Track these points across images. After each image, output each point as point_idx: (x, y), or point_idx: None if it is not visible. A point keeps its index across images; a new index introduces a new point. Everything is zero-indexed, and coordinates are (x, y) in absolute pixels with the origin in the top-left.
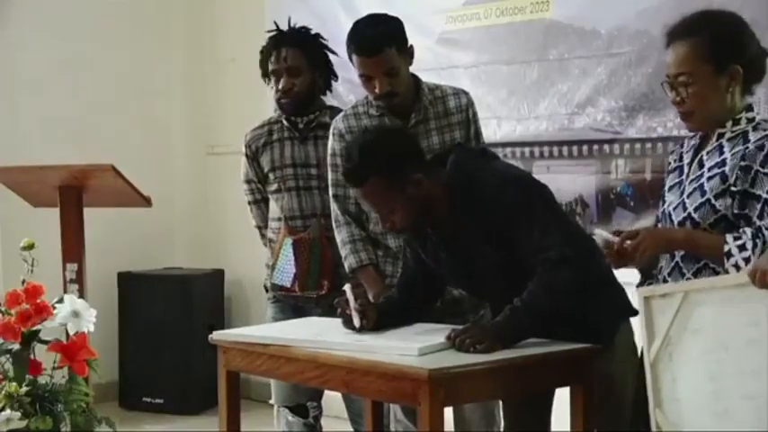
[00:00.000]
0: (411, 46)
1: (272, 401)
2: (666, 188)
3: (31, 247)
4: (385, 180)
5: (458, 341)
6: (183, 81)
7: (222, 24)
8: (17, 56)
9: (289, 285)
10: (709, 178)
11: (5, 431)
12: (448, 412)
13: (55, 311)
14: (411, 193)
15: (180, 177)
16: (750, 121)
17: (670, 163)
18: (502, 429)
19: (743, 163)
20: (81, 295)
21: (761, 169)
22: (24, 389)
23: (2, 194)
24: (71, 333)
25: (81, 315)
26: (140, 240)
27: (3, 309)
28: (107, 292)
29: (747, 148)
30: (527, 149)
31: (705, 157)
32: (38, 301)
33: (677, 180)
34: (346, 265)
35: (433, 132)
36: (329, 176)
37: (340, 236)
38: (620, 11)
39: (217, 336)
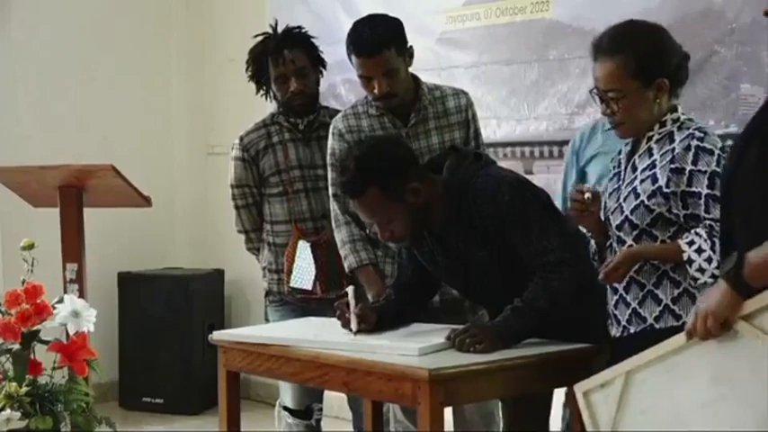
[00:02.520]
0: (411, 47)
1: (279, 402)
2: (607, 194)
3: (31, 247)
4: (382, 190)
5: (458, 341)
6: (183, 81)
7: (222, 24)
8: (17, 56)
9: (310, 288)
10: (642, 181)
11: (5, 431)
12: (448, 412)
13: (55, 311)
14: (409, 201)
15: (180, 177)
16: (675, 121)
17: (611, 170)
18: (501, 430)
19: (672, 165)
20: (81, 295)
21: (694, 168)
22: (24, 389)
23: (2, 194)
24: (71, 333)
25: (81, 315)
26: (140, 240)
27: (3, 309)
28: (107, 292)
29: (674, 149)
30: (527, 149)
31: (637, 161)
32: (38, 301)
33: (615, 186)
34: (346, 265)
35: (432, 132)
36: (329, 176)
37: (340, 235)
38: (620, 11)
39: (217, 336)
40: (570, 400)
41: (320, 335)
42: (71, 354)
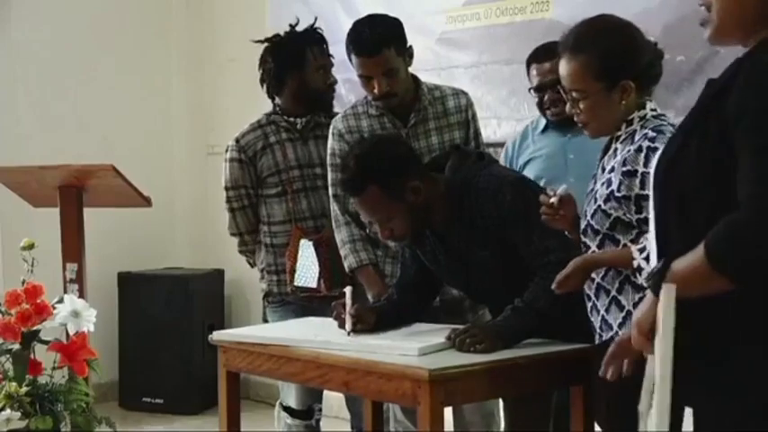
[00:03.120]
0: (410, 47)
1: (279, 402)
2: (585, 196)
3: (31, 247)
4: (382, 189)
5: (458, 341)
6: (183, 81)
7: (222, 24)
8: (17, 56)
9: (315, 286)
10: (602, 183)
11: (5, 431)
12: (448, 412)
13: (55, 311)
14: (409, 201)
15: (180, 177)
16: (641, 119)
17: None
18: (501, 430)
19: (624, 168)
20: (81, 295)
21: (645, 170)
22: (24, 389)
23: (2, 194)
24: (71, 333)
25: (81, 315)
26: (140, 240)
27: (3, 309)
28: (107, 292)
29: (629, 151)
30: None
31: (606, 162)
32: (38, 301)
33: (591, 188)
34: (346, 265)
35: (432, 133)
36: (329, 176)
37: (340, 235)
38: (620, 11)
39: (217, 336)
40: (574, 401)
41: (320, 335)
42: (71, 354)
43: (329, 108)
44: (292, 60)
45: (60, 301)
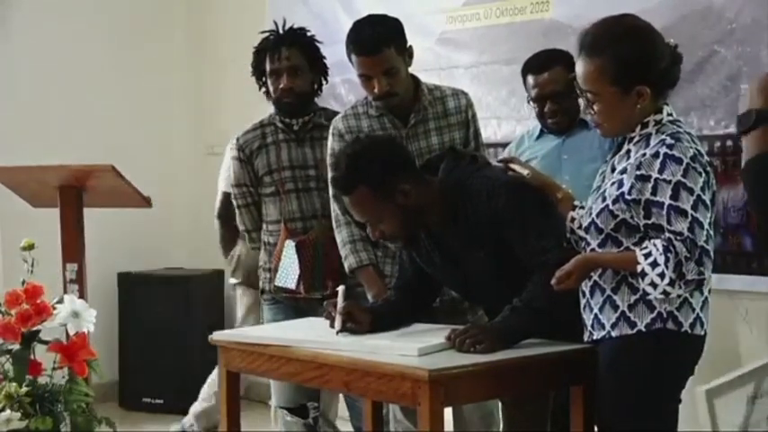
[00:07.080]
0: (410, 47)
1: (271, 402)
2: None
3: (31, 247)
4: (372, 190)
5: (458, 341)
6: (183, 81)
7: (222, 24)
8: (17, 56)
9: (293, 287)
10: (612, 183)
11: (5, 431)
12: (447, 412)
13: (55, 312)
14: (399, 203)
15: (180, 177)
16: (657, 123)
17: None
18: (501, 430)
19: (638, 172)
20: (81, 295)
21: (659, 176)
22: (24, 389)
23: (2, 194)
24: (71, 333)
25: (81, 315)
26: (140, 240)
27: (3, 309)
28: (107, 292)
29: (644, 155)
30: None
31: (616, 162)
32: (38, 301)
33: (597, 185)
34: (346, 266)
35: (432, 133)
36: (329, 176)
37: (340, 236)
38: (620, 11)
39: (217, 336)
40: (574, 401)
41: (320, 335)
42: (71, 354)
43: (292, 114)
44: (255, 71)
45: (60, 301)
